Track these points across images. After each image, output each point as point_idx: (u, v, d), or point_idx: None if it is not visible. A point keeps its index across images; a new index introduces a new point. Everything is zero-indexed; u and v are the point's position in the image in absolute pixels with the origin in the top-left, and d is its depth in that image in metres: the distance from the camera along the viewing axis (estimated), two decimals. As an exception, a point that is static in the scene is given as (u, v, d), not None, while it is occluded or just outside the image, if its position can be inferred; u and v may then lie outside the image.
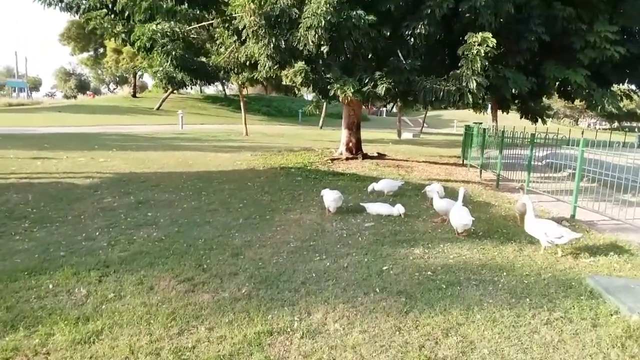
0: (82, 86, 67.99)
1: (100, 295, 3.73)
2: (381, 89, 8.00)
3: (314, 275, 4.26)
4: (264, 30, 7.19)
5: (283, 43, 7.44)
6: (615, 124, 57.74)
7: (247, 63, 9.32)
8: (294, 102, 50.60)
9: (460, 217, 5.79)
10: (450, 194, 9.09)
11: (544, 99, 15.61)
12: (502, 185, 10.40)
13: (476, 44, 7.45)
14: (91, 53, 48.63)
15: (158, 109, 39.21)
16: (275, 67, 8.33)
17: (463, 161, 14.90)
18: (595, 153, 7.00)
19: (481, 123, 30.42)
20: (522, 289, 4.19)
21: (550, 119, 53.12)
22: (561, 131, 31.19)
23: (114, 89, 70.04)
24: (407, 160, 14.72)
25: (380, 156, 15.00)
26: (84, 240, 5.24)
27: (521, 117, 14.59)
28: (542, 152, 10.21)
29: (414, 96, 8.62)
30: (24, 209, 6.56)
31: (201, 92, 54.61)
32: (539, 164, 9.41)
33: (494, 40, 7.35)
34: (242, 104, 23.10)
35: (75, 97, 59.85)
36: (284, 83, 11.94)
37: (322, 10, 6.77)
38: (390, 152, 17.55)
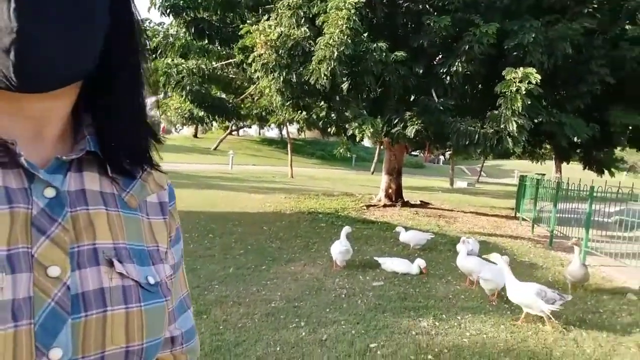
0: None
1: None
2: (410, 131, 7.19)
3: (277, 349, 3.41)
4: (274, 63, 6.72)
5: (294, 77, 6.90)
6: None
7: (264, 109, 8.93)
8: (350, 148, 50.35)
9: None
10: (491, 250, 7.93)
11: (615, 149, 13.92)
12: (557, 244, 8.99)
13: (517, 80, 6.49)
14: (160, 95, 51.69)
15: (215, 149, 40.37)
16: (288, 103, 7.77)
17: (515, 214, 13.42)
18: None
19: (544, 174, 28.39)
20: (554, 391, 3.10)
21: (626, 173, 48.89)
22: (637, 186, 28.25)
23: (180, 129, 73.90)
24: (451, 211, 13.50)
25: (423, 205, 13.89)
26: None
27: (584, 168, 12.97)
28: (612, 207, 8.75)
29: (447, 139, 7.70)
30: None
31: (260, 134, 56.07)
32: (608, 220, 7.93)
33: (538, 76, 6.36)
34: (289, 145, 22.95)
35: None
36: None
37: (335, 42, 6.21)
38: (437, 200, 16.36)
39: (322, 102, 7.43)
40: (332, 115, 7.55)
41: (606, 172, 13.60)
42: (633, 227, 6.70)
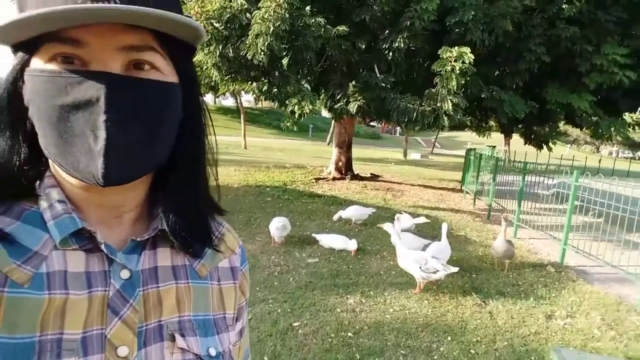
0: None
1: None
2: (353, 106, 7.19)
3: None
4: (209, 36, 6.48)
5: (231, 51, 6.69)
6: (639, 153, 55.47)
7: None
8: (306, 118, 50.06)
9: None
10: (434, 224, 8.20)
11: (559, 124, 14.54)
12: (495, 217, 9.41)
13: (452, 59, 6.58)
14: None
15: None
16: (227, 78, 7.57)
17: (461, 187, 13.90)
18: (609, 183, 5.92)
19: (494, 147, 29.40)
20: (462, 364, 3.29)
21: (570, 145, 51.39)
22: (578, 158, 29.84)
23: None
24: (400, 184, 13.80)
25: (373, 177, 14.12)
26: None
27: (525, 143, 13.56)
28: (553, 180, 9.15)
29: (388, 116, 7.77)
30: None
31: (215, 103, 54.61)
32: (546, 193, 8.26)
33: (472, 56, 6.48)
34: (241, 115, 22.53)
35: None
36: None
37: (271, 16, 6.03)
38: (388, 173, 16.66)
39: (263, 77, 7.25)
40: (274, 90, 7.40)
41: (548, 146, 14.29)
42: (566, 200, 6.99)
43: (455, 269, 4.60)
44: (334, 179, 12.60)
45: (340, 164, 13.11)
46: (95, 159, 0.48)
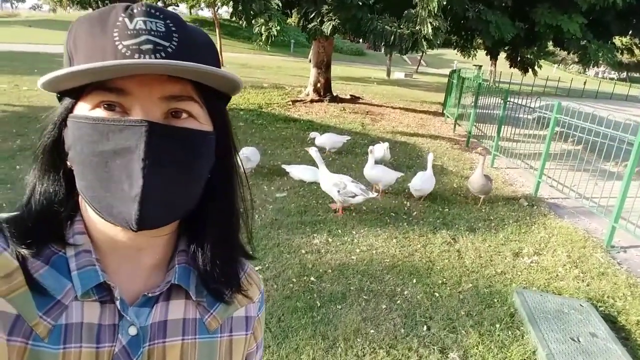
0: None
1: None
2: (327, 27, 6.58)
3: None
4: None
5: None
6: (625, 74, 54.97)
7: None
8: (289, 31, 47.57)
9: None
10: (411, 151, 8.02)
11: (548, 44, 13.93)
12: (474, 144, 9.25)
13: None
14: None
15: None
16: None
17: (443, 111, 13.57)
18: (590, 106, 5.63)
19: (481, 66, 28.55)
20: (425, 308, 3.25)
21: (557, 65, 50.57)
22: (563, 79, 29.37)
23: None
24: (381, 106, 13.41)
25: (353, 99, 13.67)
26: None
27: (510, 66, 13.05)
28: (537, 102, 8.71)
29: (364, 37, 7.18)
30: None
31: (190, 14, 51.16)
32: (529, 117, 7.87)
33: None
34: (217, 29, 21.12)
35: (54, 10, 55.95)
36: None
37: None
38: (369, 94, 16.16)
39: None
40: (239, 7, 6.64)
41: (534, 69, 13.82)
42: (547, 126, 6.67)
43: (375, 194, 4.69)
44: (311, 101, 12.13)
45: (318, 85, 12.56)
46: (130, 205, 0.49)
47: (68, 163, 0.55)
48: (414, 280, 3.62)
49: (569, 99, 20.20)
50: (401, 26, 6.57)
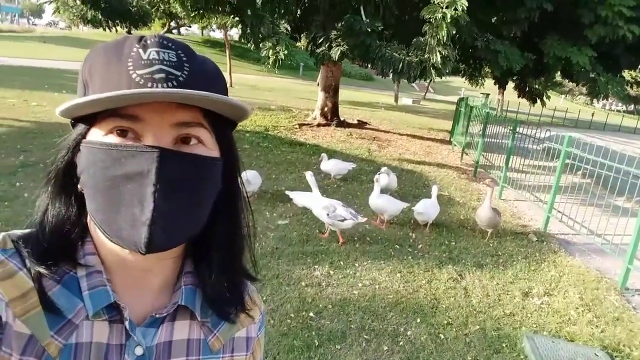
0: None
1: None
2: (335, 52, 6.55)
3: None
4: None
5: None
6: (632, 107, 54.84)
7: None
8: (297, 54, 48.11)
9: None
10: (417, 180, 7.89)
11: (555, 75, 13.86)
12: (481, 174, 9.11)
13: (443, 6, 5.86)
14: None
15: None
16: (193, 14, 6.78)
17: (450, 139, 13.48)
18: (600, 138, 5.49)
19: (488, 94, 28.58)
20: (429, 352, 3.07)
21: (564, 96, 50.67)
22: (571, 110, 29.30)
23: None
24: (388, 132, 13.34)
25: (360, 124, 13.61)
26: None
27: (518, 96, 12.99)
28: (544, 133, 8.44)
29: (372, 64, 7.14)
30: None
31: (202, 34, 52.09)
32: (537, 148, 7.65)
33: (465, 2, 5.77)
34: (227, 50, 21.34)
35: (70, 27, 57.14)
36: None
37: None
38: (376, 120, 16.13)
39: (233, 15, 6.49)
40: (247, 30, 6.64)
41: (542, 100, 13.75)
42: (556, 157, 6.48)
43: (364, 219, 4.62)
44: (318, 125, 12.08)
45: (326, 109, 12.53)
46: (140, 228, 0.51)
47: (79, 187, 0.56)
48: (418, 320, 3.44)
49: (577, 130, 20.10)
50: (410, 54, 6.52)
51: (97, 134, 0.53)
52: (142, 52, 0.52)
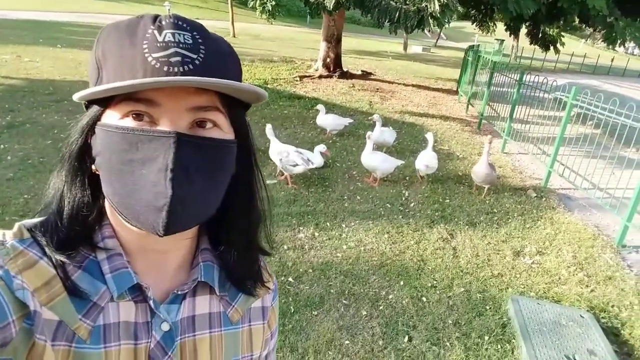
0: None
1: None
2: (330, 2, 6.15)
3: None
4: None
5: None
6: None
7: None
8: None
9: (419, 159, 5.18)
10: (417, 134, 7.64)
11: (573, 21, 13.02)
12: (486, 127, 8.82)
13: None
14: None
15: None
16: None
17: (457, 89, 13.00)
18: (616, 84, 5.15)
19: (503, 40, 27.33)
20: (409, 316, 3.01)
21: (583, 40, 48.43)
22: (590, 55, 28.04)
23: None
24: (392, 83, 12.91)
25: (364, 75, 13.18)
26: None
27: (530, 43, 12.33)
28: (559, 81, 7.82)
29: (368, 13, 6.72)
30: None
31: (206, -19, 50.04)
32: (549, 97, 7.11)
33: None
34: (229, -1, 20.52)
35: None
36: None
37: None
38: (382, 69, 15.61)
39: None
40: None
41: (555, 47, 13.06)
42: (562, 107, 6.10)
43: (315, 165, 4.70)
44: (320, 77, 11.71)
45: (328, 60, 12.11)
46: (157, 212, 0.51)
47: (93, 167, 0.56)
48: (402, 283, 3.38)
49: (594, 76, 19.21)
50: (407, 2, 6.10)
51: (113, 117, 0.53)
52: (157, 34, 0.51)
